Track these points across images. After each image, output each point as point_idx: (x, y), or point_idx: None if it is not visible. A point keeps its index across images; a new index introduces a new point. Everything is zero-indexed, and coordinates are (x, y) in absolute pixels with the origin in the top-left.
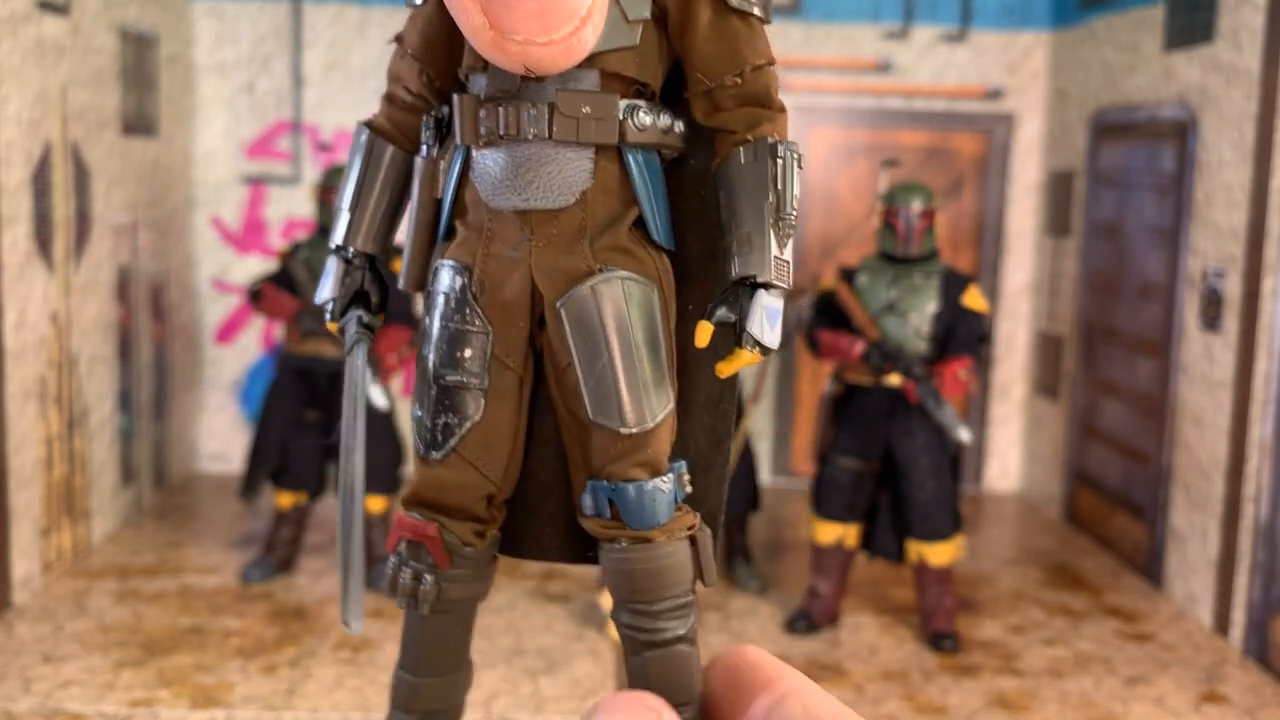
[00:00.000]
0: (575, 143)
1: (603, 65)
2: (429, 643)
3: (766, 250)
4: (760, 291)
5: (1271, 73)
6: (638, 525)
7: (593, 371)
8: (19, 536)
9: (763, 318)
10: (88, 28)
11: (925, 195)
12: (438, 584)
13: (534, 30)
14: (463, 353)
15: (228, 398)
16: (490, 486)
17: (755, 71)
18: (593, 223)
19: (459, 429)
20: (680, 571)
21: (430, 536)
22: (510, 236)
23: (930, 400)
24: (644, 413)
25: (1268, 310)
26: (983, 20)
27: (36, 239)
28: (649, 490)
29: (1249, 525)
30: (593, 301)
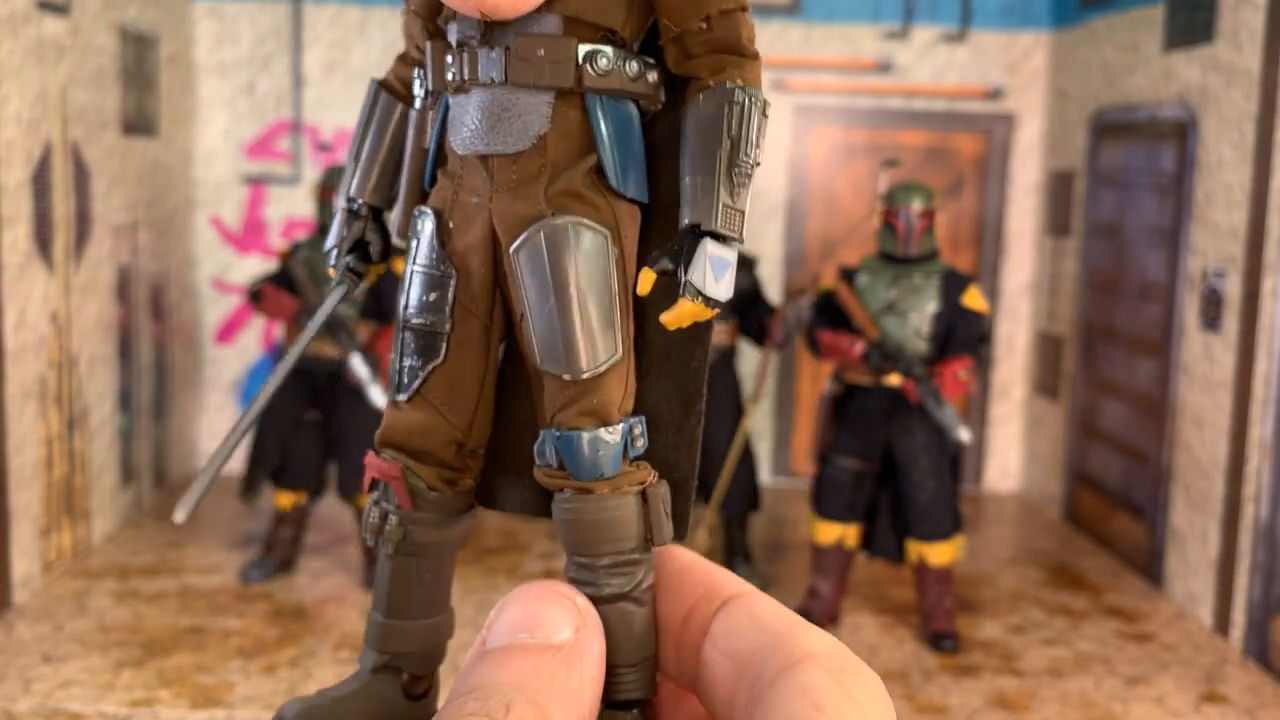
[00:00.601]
0: (532, 86)
1: (563, 10)
2: (395, 584)
3: (715, 196)
4: (706, 239)
5: (1271, 73)
6: (580, 475)
7: (541, 316)
8: (19, 536)
9: (706, 266)
10: (88, 28)
11: (925, 195)
12: (402, 526)
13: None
14: (429, 296)
15: (228, 398)
16: (455, 433)
17: (723, 16)
18: (551, 169)
19: (423, 372)
20: (623, 527)
21: (394, 477)
22: (475, 183)
23: (930, 400)
24: (587, 360)
25: (1268, 310)
26: (983, 20)
27: (36, 239)
28: (590, 440)
29: (1249, 525)
30: (541, 245)
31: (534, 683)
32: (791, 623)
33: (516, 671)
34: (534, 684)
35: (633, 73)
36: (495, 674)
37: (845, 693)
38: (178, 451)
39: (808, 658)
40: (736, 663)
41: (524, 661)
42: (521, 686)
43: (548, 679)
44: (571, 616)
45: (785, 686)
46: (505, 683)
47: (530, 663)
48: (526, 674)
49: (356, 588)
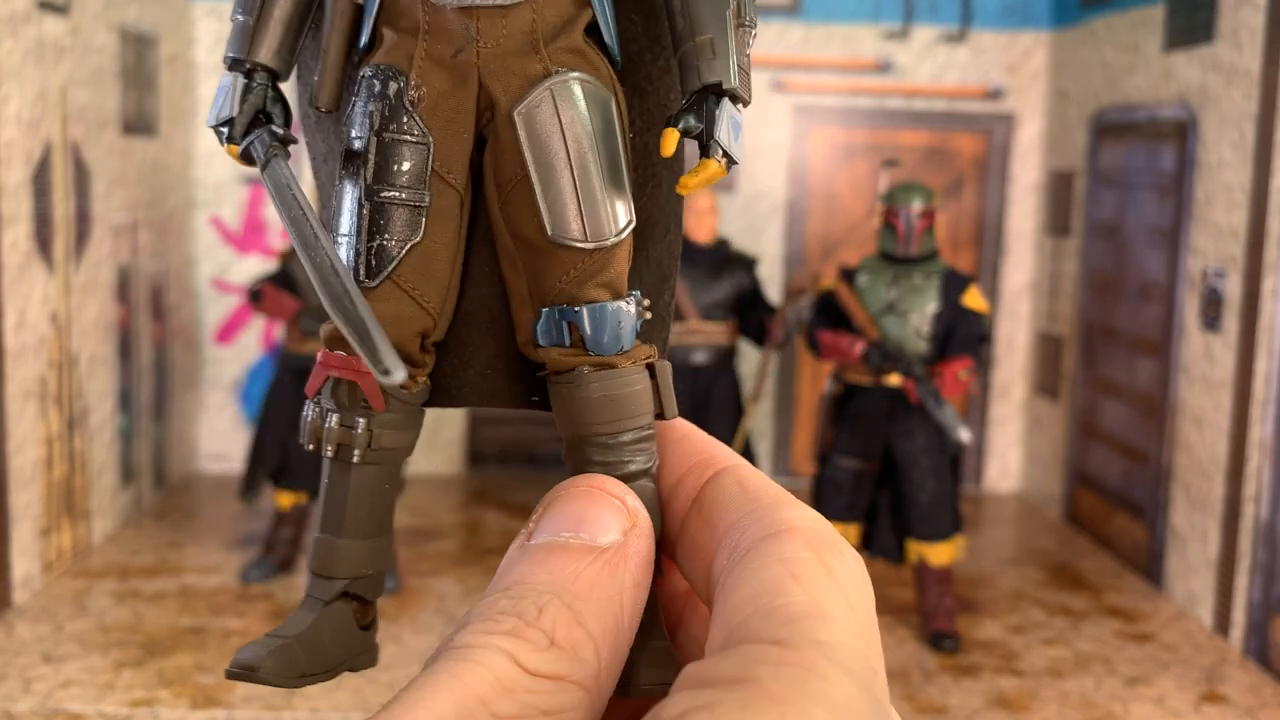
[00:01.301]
0: None
1: None
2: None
3: (730, 57)
4: (725, 99)
5: (1271, 73)
6: (601, 351)
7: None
8: (19, 536)
9: (729, 126)
10: (88, 28)
11: (925, 195)
12: (369, 429)
13: None
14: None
15: (228, 398)
16: (427, 320)
17: None
18: (543, 24)
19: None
20: (643, 400)
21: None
22: (454, 37)
23: (930, 400)
24: (608, 226)
25: (1268, 310)
26: (983, 20)
27: (36, 239)
28: (613, 311)
29: (1249, 525)
30: (550, 105)
31: (572, 585)
32: (779, 496)
33: (556, 572)
34: (572, 587)
35: None
36: (533, 573)
37: (826, 568)
38: (178, 451)
39: (790, 529)
40: (717, 530)
41: (565, 562)
42: (558, 588)
43: (587, 583)
44: (620, 518)
45: (763, 554)
46: (542, 582)
47: (571, 564)
48: (565, 576)
49: None
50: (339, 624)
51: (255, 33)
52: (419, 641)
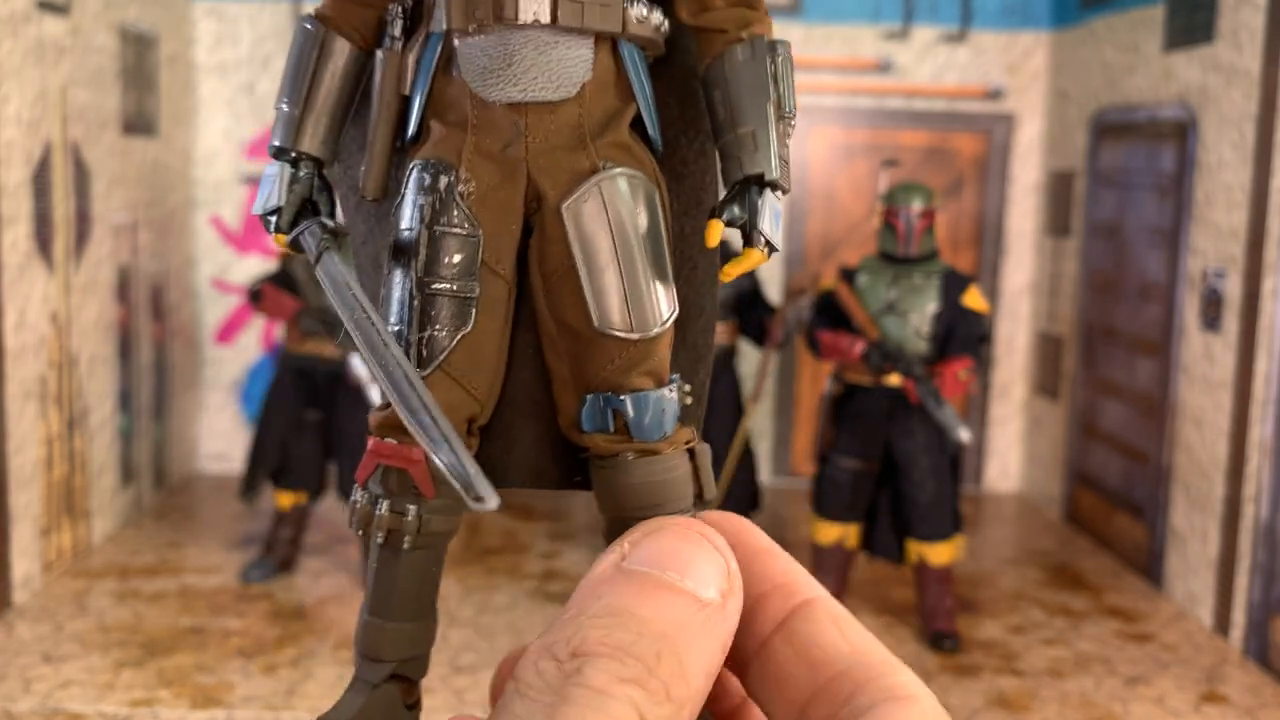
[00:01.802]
0: (578, 30)
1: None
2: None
3: (771, 148)
4: (768, 190)
5: (1271, 73)
6: (645, 437)
7: (599, 275)
8: (19, 536)
9: (771, 216)
10: (88, 28)
11: (925, 195)
12: (420, 515)
13: None
14: (450, 258)
15: (228, 398)
16: (475, 406)
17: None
18: (590, 119)
19: (448, 343)
20: (684, 485)
21: (415, 461)
22: (502, 132)
23: (930, 400)
24: (652, 318)
25: (1268, 310)
26: (983, 20)
27: (36, 239)
28: (656, 399)
29: (1249, 525)
30: (599, 200)
31: (679, 635)
32: (884, 654)
33: (663, 615)
34: (678, 637)
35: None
36: (638, 604)
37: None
38: (178, 451)
39: (910, 699)
40: (817, 673)
41: (670, 606)
42: (668, 637)
43: (690, 637)
44: (721, 575)
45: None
46: (651, 623)
47: (677, 610)
48: (672, 623)
49: (357, 588)
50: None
51: (301, 123)
52: None
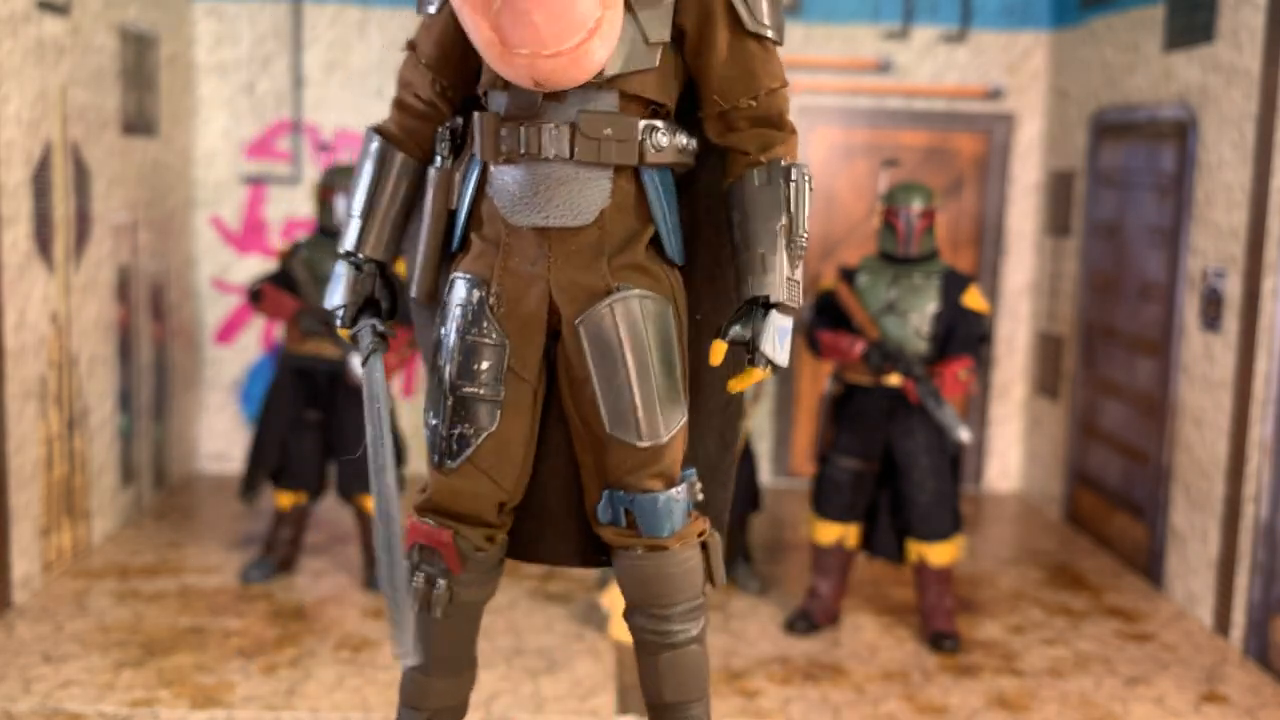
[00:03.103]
0: (596, 163)
1: (622, 87)
2: (440, 644)
3: (779, 271)
4: (773, 311)
5: (1271, 73)
6: (654, 534)
7: (611, 387)
8: (19, 536)
9: (774, 337)
10: (88, 28)
11: (925, 195)
12: (450, 588)
13: (540, 42)
14: (479, 365)
15: (228, 398)
16: (502, 494)
17: (770, 94)
18: (610, 241)
19: (474, 440)
20: (693, 576)
21: (444, 543)
22: (528, 252)
23: (930, 400)
24: (659, 427)
25: (1268, 310)
26: (983, 20)
27: (37, 239)
28: (664, 501)
29: (1249, 525)
30: (610, 320)
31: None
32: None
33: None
34: None
35: (681, 145)
36: None
37: None
38: (178, 451)
39: None
40: None
41: None
42: None
43: None
44: None
45: None
46: None
47: None
48: None
49: (356, 588)
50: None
51: (364, 229)
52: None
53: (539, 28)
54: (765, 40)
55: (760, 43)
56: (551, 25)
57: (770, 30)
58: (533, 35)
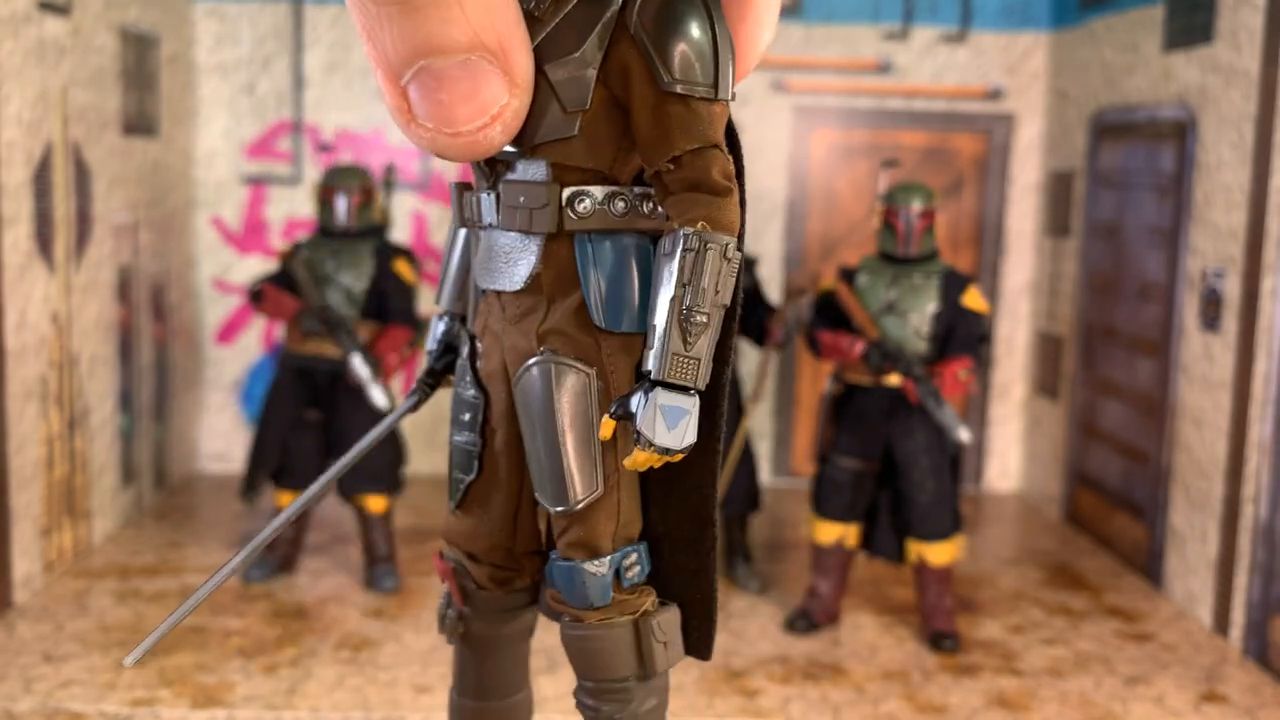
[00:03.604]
0: (523, 230)
1: (545, 156)
2: (466, 669)
3: (666, 346)
4: (657, 389)
5: (1271, 73)
6: (572, 603)
7: (532, 448)
8: (19, 536)
9: (656, 416)
10: (88, 28)
11: (925, 195)
12: (460, 618)
13: (443, 121)
14: (463, 416)
15: (228, 398)
16: (499, 536)
17: (692, 155)
18: (548, 303)
19: (463, 485)
20: (610, 656)
21: (446, 573)
22: (494, 312)
23: (930, 400)
24: (568, 495)
25: (1267, 310)
26: (983, 21)
27: (37, 239)
28: (578, 571)
29: (1249, 525)
30: (530, 383)
31: None
32: None
33: None
34: None
35: (618, 210)
36: None
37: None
38: (178, 451)
39: None
40: None
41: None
42: None
43: None
44: None
45: None
46: None
47: None
48: None
49: (357, 588)
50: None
51: (441, 286)
52: (419, 641)
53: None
54: (690, 100)
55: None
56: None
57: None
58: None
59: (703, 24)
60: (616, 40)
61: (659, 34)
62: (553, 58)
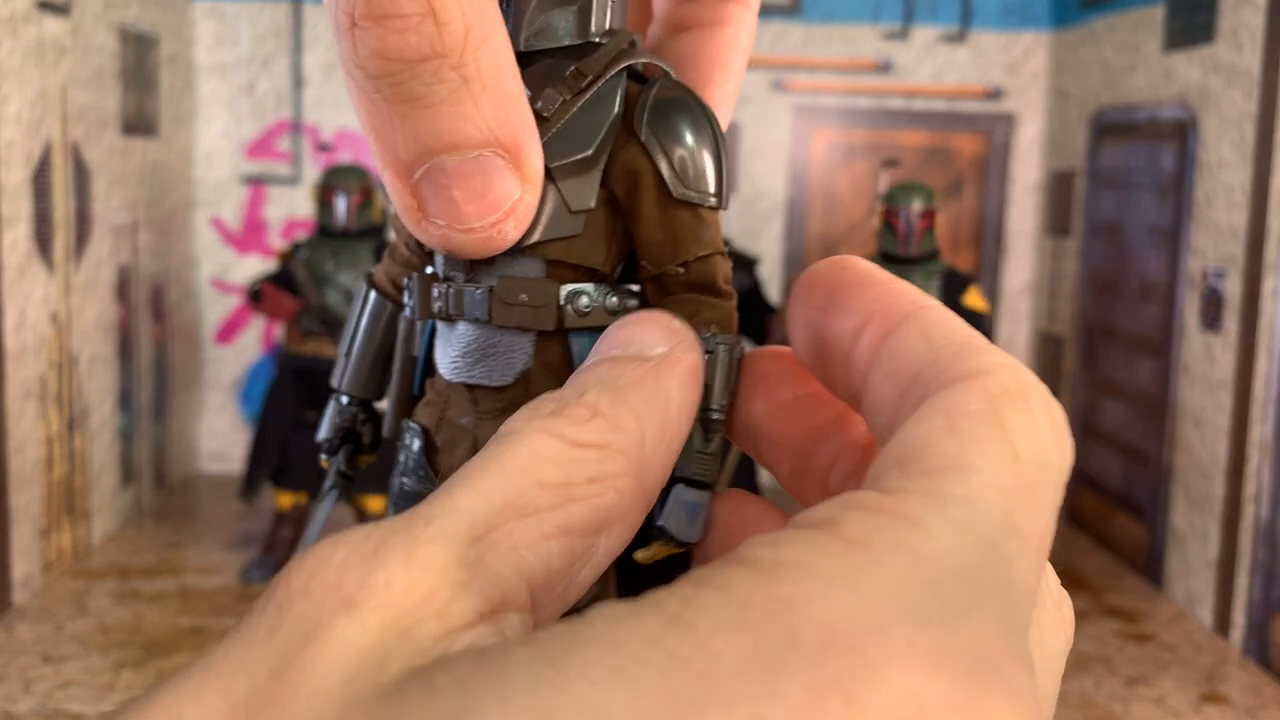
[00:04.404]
0: (516, 327)
1: (545, 254)
2: None
3: (690, 445)
4: (679, 485)
5: (1271, 73)
6: None
7: None
8: (19, 537)
9: (680, 512)
10: (88, 28)
11: (925, 195)
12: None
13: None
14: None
15: (228, 398)
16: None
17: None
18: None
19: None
20: None
21: None
22: (461, 406)
23: None
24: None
25: (1268, 310)
26: (983, 20)
27: (37, 239)
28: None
29: (1249, 525)
30: None
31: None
32: (965, 340)
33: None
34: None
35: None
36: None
37: (997, 419)
38: (178, 451)
39: (969, 377)
40: (899, 386)
41: (610, 366)
42: (602, 379)
43: (633, 379)
44: (667, 336)
45: (929, 409)
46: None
47: (616, 367)
48: (611, 373)
49: None
50: None
51: (345, 366)
52: None
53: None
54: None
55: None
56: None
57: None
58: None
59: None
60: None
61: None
62: (560, 157)
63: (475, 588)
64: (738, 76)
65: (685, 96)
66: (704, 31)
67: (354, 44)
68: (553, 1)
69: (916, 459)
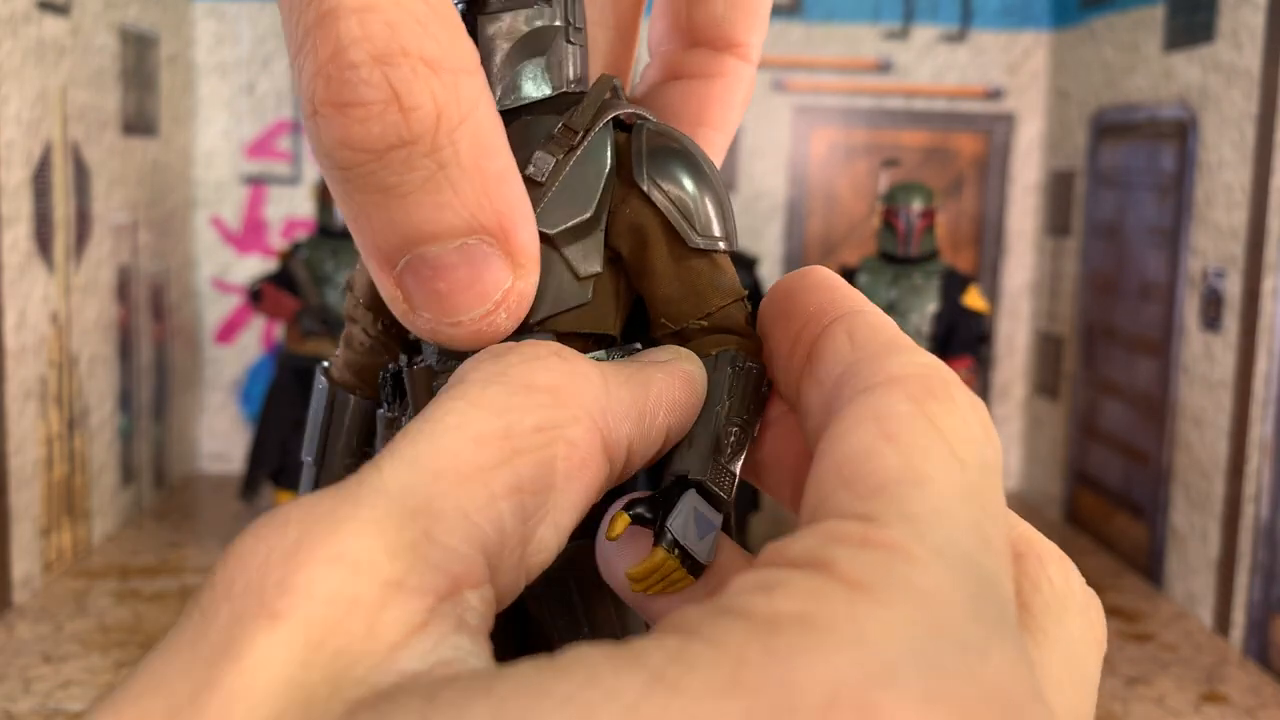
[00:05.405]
0: None
1: (554, 327)
2: None
3: (707, 450)
4: (692, 490)
5: (1271, 73)
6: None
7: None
8: (19, 536)
9: (689, 519)
10: (88, 28)
11: (925, 195)
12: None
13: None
14: None
15: (228, 398)
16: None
17: (723, 310)
18: None
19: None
20: None
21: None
22: None
23: None
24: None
25: (1268, 310)
26: (983, 20)
27: (37, 239)
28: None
29: (1249, 525)
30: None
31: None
32: (890, 341)
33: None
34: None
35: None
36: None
37: (928, 421)
38: (178, 451)
39: (890, 381)
40: (825, 390)
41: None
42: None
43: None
44: (668, 351)
45: (855, 413)
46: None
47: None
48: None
49: None
50: None
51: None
52: None
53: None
54: (713, 254)
55: (709, 258)
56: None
57: (720, 241)
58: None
59: (708, 174)
60: (621, 198)
61: (677, 191)
62: (561, 221)
63: (417, 579)
64: (726, 134)
65: (679, 139)
66: (697, 83)
67: (318, 132)
68: (519, 55)
69: (863, 476)
